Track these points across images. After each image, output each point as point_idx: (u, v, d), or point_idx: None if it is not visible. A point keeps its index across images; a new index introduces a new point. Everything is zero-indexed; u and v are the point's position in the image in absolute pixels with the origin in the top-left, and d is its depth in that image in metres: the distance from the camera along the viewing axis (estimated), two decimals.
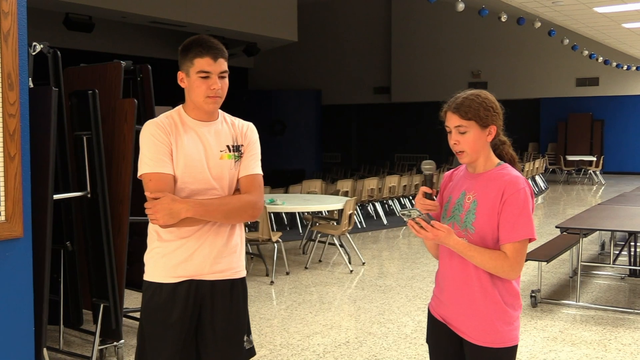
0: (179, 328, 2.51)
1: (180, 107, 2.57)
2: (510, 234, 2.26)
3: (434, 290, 2.55)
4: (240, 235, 2.64)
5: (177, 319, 2.50)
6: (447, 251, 2.38)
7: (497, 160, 2.39)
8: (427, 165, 2.43)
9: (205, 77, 2.44)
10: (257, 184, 2.58)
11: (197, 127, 2.52)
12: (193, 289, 2.52)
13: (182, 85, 2.53)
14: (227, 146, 2.55)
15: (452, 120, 2.34)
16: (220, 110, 2.61)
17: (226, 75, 2.50)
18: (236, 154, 2.56)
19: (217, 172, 2.51)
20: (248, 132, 2.62)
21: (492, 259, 2.26)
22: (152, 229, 2.55)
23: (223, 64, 2.47)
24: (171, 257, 2.50)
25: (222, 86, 2.48)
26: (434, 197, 2.41)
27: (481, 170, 2.38)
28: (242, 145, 2.58)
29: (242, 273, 2.65)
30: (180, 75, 2.51)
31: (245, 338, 2.64)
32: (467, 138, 2.31)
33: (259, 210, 2.56)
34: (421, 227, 2.23)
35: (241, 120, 2.66)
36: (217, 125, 2.57)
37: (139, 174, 2.47)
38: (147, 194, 2.41)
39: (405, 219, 2.24)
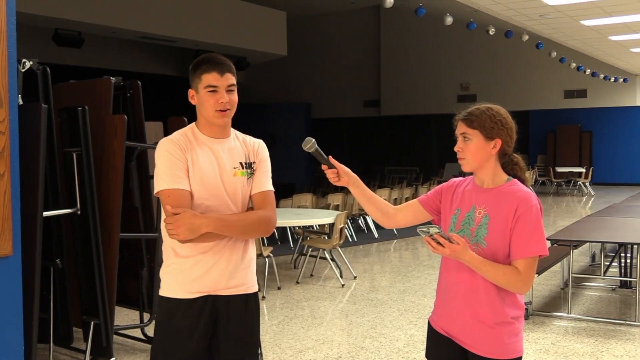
0: (194, 344, 2.53)
1: (193, 124, 2.62)
2: (523, 249, 2.30)
3: (435, 303, 2.56)
4: (252, 250, 2.68)
5: (194, 334, 2.53)
6: (455, 264, 2.39)
7: (506, 176, 2.42)
8: (308, 144, 2.49)
9: (212, 91, 2.50)
10: (270, 200, 2.64)
11: (211, 144, 2.57)
12: (209, 304, 2.55)
13: (192, 102, 2.59)
14: (240, 163, 2.60)
15: (459, 128, 2.41)
16: (232, 128, 2.66)
17: (234, 89, 2.56)
18: (248, 171, 2.61)
19: (231, 188, 2.56)
20: (260, 150, 2.68)
21: (506, 274, 2.29)
22: (168, 245, 2.56)
23: (230, 78, 2.53)
24: (189, 272, 2.53)
25: (231, 99, 2.53)
26: (333, 165, 2.54)
27: (490, 185, 2.41)
28: (254, 162, 2.63)
29: (255, 287, 2.69)
30: (191, 92, 2.57)
31: (259, 351, 2.69)
32: (470, 146, 2.37)
33: (273, 225, 2.62)
34: (438, 243, 2.24)
35: (252, 138, 2.71)
36: (230, 142, 2.62)
37: (155, 190, 2.50)
38: (166, 210, 2.43)
39: (423, 236, 2.25)
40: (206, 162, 2.53)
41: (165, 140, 2.55)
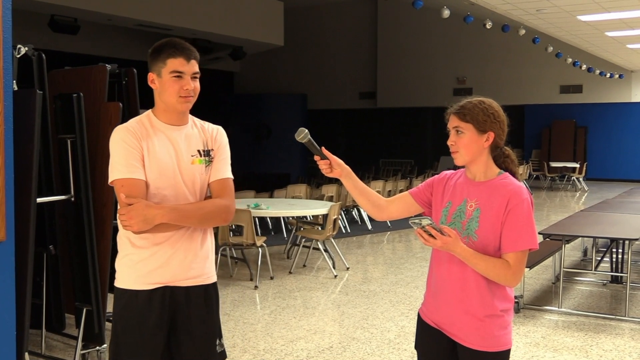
0: (155, 335, 2.50)
1: (149, 111, 2.56)
2: (514, 243, 2.31)
3: (425, 296, 2.57)
4: (211, 240, 2.64)
5: (154, 326, 2.49)
6: (446, 256, 2.40)
7: (498, 169, 2.43)
8: (301, 135, 2.47)
9: (177, 76, 2.44)
10: (229, 188, 2.58)
11: (168, 132, 2.51)
12: (168, 295, 2.51)
13: (152, 86, 2.51)
14: (198, 151, 2.54)
15: (452, 122, 2.41)
16: (189, 115, 2.61)
17: (198, 76, 2.50)
18: (207, 158, 2.56)
19: (188, 177, 2.51)
20: (218, 136, 2.62)
21: (496, 267, 2.31)
22: (123, 235, 2.51)
23: (195, 65, 2.48)
24: (146, 263, 2.48)
25: (195, 87, 2.48)
26: (326, 157, 2.51)
27: (482, 178, 2.42)
28: (212, 149, 2.58)
29: (214, 278, 2.66)
30: (151, 76, 2.49)
31: (217, 342, 2.65)
32: (462, 139, 2.38)
33: (231, 214, 2.57)
34: (430, 235, 2.25)
35: (210, 124, 2.65)
36: (188, 129, 2.56)
37: (109, 180, 2.44)
38: (120, 200, 2.38)
39: (414, 227, 2.25)
40: (163, 150, 2.47)
41: (119, 128, 2.49)
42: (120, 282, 2.53)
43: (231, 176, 2.61)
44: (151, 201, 2.41)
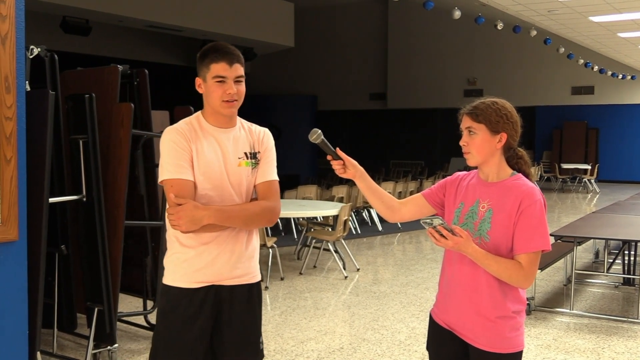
0: (197, 332, 2.54)
1: (199, 113, 2.60)
2: (527, 244, 2.30)
3: (437, 296, 2.57)
4: (256, 240, 2.68)
5: (197, 324, 2.53)
6: (458, 257, 2.39)
7: (511, 170, 2.42)
8: (314, 135, 2.47)
9: (220, 81, 2.48)
10: (274, 190, 2.63)
11: (216, 134, 2.55)
12: (212, 294, 2.55)
13: (199, 90, 2.56)
14: (245, 153, 2.58)
15: (465, 122, 2.40)
16: (237, 117, 2.64)
17: (242, 80, 2.54)
18: (253, 161, 2.60)
19: (235, 179, 2.55)
20: (265, 139, 2.66)
21: (508, 269, 2.30)
22: (172, 234, 2.56)
23: (239, 69, 2.51)
24: (192, 262, 2.53)
25: (239, 90, 2.52)
26: (339, 157, 2.51)
27: (495, 179, 2.41)
28: (258, 152, 2.62)
29: (258, 277, 2.69)
30: (198, 81, 2.55)
31: (260, 340, 2.69)
32: (475, 140, 2.37)
33: (277, 215, 2.61)
34: (441, 235, 2.24)
35: (257, 126, 2.69)
36: (236, 131, 2.60)
37: (159, 179, 2.50)
38: (169, 199, 2.43)
39: (426, 227, 2.25)
40: (211, 153, 2.52)
41: (170, 129, 2.53)
42: (167, 279, 2.58)
43: (277, 178, 2.66)
44: (198, 202, 2.45)
